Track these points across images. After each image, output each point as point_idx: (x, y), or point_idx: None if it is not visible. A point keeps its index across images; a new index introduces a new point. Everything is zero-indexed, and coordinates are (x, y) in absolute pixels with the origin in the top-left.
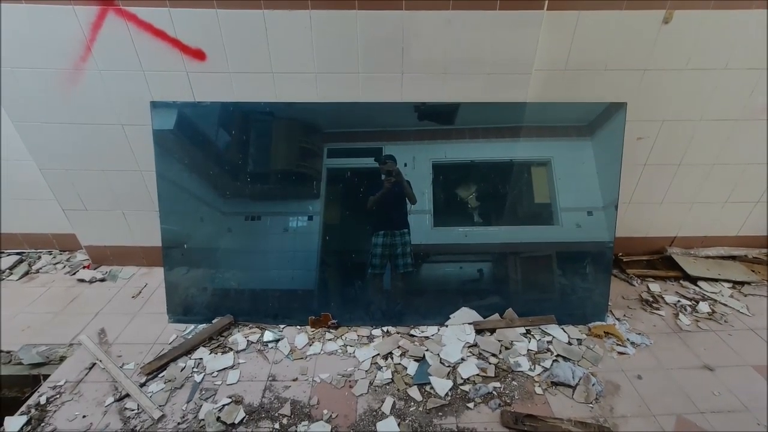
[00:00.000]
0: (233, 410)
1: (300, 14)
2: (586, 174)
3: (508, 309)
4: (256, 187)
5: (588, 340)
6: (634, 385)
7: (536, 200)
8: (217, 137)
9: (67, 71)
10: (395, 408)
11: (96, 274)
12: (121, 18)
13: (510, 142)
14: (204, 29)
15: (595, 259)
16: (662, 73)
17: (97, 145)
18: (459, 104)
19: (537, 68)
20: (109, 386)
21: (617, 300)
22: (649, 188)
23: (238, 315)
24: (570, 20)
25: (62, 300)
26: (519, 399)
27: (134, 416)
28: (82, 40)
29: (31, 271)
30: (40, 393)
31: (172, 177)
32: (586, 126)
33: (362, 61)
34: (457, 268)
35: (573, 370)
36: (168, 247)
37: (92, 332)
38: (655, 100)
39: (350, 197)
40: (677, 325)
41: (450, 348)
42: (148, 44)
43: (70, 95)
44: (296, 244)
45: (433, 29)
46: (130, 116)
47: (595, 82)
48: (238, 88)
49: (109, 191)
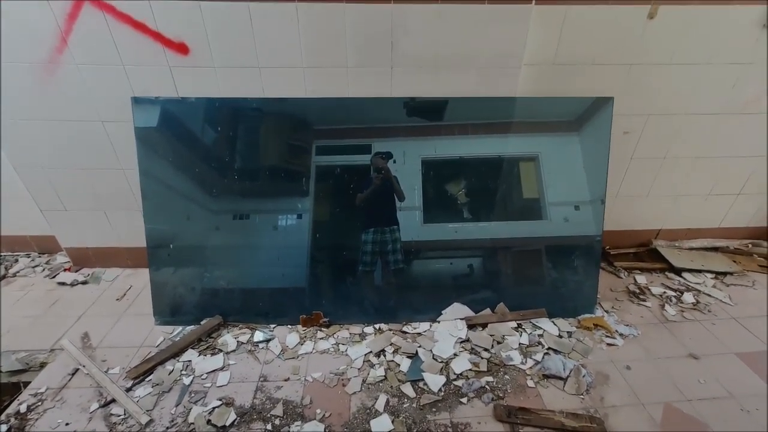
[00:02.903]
0: (224, 412)
1: (286, 6)
2: (573, 169)
3: (499, 303)
4: (244, 184)
5: (578, 333)
6: (623, 375)
7: (525, 195)
8: (202, 134)
9: (42, 65)
10: (389, 405)
11: (78, 276)
12: (99, 9)
13: (499, 137)
14: (187, 22)
15: (583, 252)
16: (648, 67)
17: (76, 142)
18: (448, 100)
19: (526, 62)
20: (94, 392)
21: (606, 292)
22: (635, 182)
23: (227, 315)
24: (558, 14)
25: (42, 304)
26: (511, 392)
27: (120, 422)
28: (57, 31)
29: (8, 275)
30: (20, 401)
31: (156, 175)
32: (574, 121)
33: (351, 55)
34: (448, 264)
35: (564, 363)
36: (153, 247)
37: (75, 337)
38: (641, 95)
39: (340, 194)
40: (663, 315)
41: (442, 344)
42: (128, 37)
43: (46, 90)
44: (286, 242)
45: (422, 23)
46: (111, 112)
47: (583, 76)
48: (223, 83)
49: (89, 190)
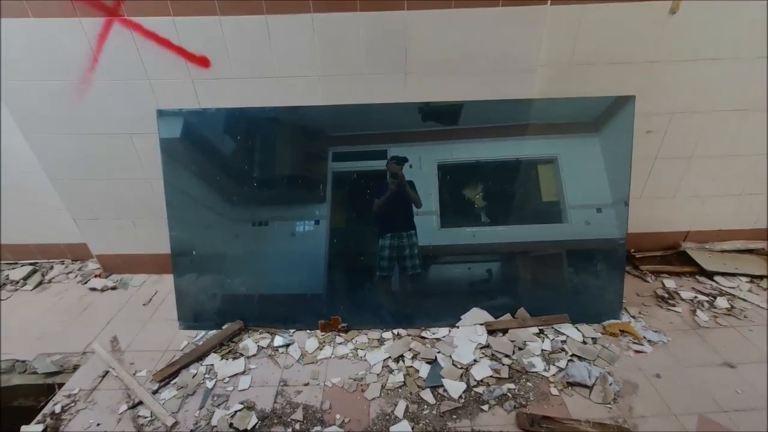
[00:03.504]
0: (246, 416)
1: (302, 18)
2: (594, 170)
3: (519, 309)
4: (263, 192)
5: (603, 339)
6: (653, 384)
7: (544, 198)
8: (222, 144)
9: (75, 83)
10: (408, 411)
11: (107, 282)
12: (127, 28)
13: (516, 140)
14: (208, 36)
15: (606, 256)
16: (671, 64)
17: (106, 154)
18: (463, 103)
19: (542, 64)
20: (122, 394)
21: (631, 297)
22: (660, 182)
23: (247, 320)
24: (574, 14)
25: (75, 309)
26: (534, 400)
27: (147, 424)
28: (89, 51)
29: (44, 281)
30: (54, 402)
31: (179, 184)
32: (593, 121)
33: (365, 62)
34: (466, 269)
35: (589, 370)
36: (177, 255)
37: (105, 340)
38: (663, 93)
39: (356, 200)
40: (695, 321)
41: (462, 349)
42: (154, 53)
43: (78, 106)
44: (304, 248)
45: (436, 28)
46: (137, 125)
47: (602, 76)
48: (242, 94)
49: (118, 200)
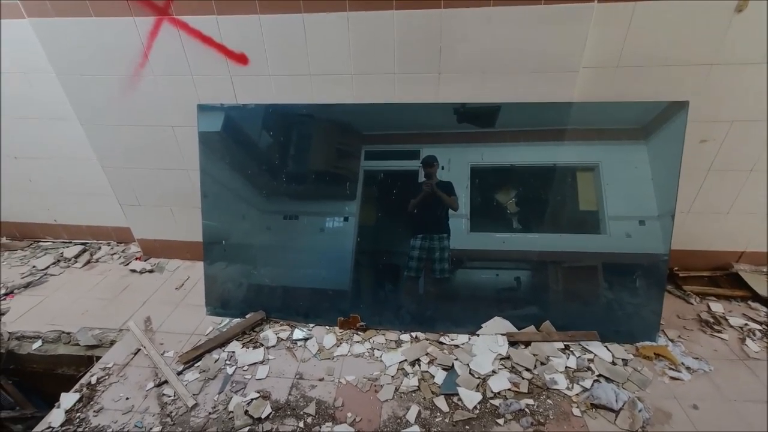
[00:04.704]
0: (261, 405)
1: (338, 16)
2: (639, 180)
3: (545, 321)
4: (295, 186)
5: (635, 361)
6: (689, 415)
7: (581, 207)
8: (257, 137)
9: (128, 77)
10: (420, 417)
11: (146, 265)
12: (174, 26)
13: (554, 145)
14: (247, 34)
15: (646, 272)
16: (733, 67)
17: (151, 145)
18: (500, 105)
19: (585, 65)
20: (151, 372)
21: (671, 319)
22: (712, 196)
23: (270, 311)
24: (625, 12)
25: (116, 288)
26: (554, 419)
27: (170, 402)
28: (141, 48)
29: (92, 260)
30: (91, 373)
31: (215, 176)
32: (640, 127)
33: (398, 61)
34: (493, 276)
35: (617, 393)
36: (209, 243)
37: (139, 319)
38: (722, 99)
39: (386, 199)
40: (743, 351)
41: (481, 359)
42: (197, 50)
43: (129, 99)
44: (331, 244)
45: (473, 27)
46: (179, 118)
47: (651, 78)
48: (277, 91)
49: (159, 188)
